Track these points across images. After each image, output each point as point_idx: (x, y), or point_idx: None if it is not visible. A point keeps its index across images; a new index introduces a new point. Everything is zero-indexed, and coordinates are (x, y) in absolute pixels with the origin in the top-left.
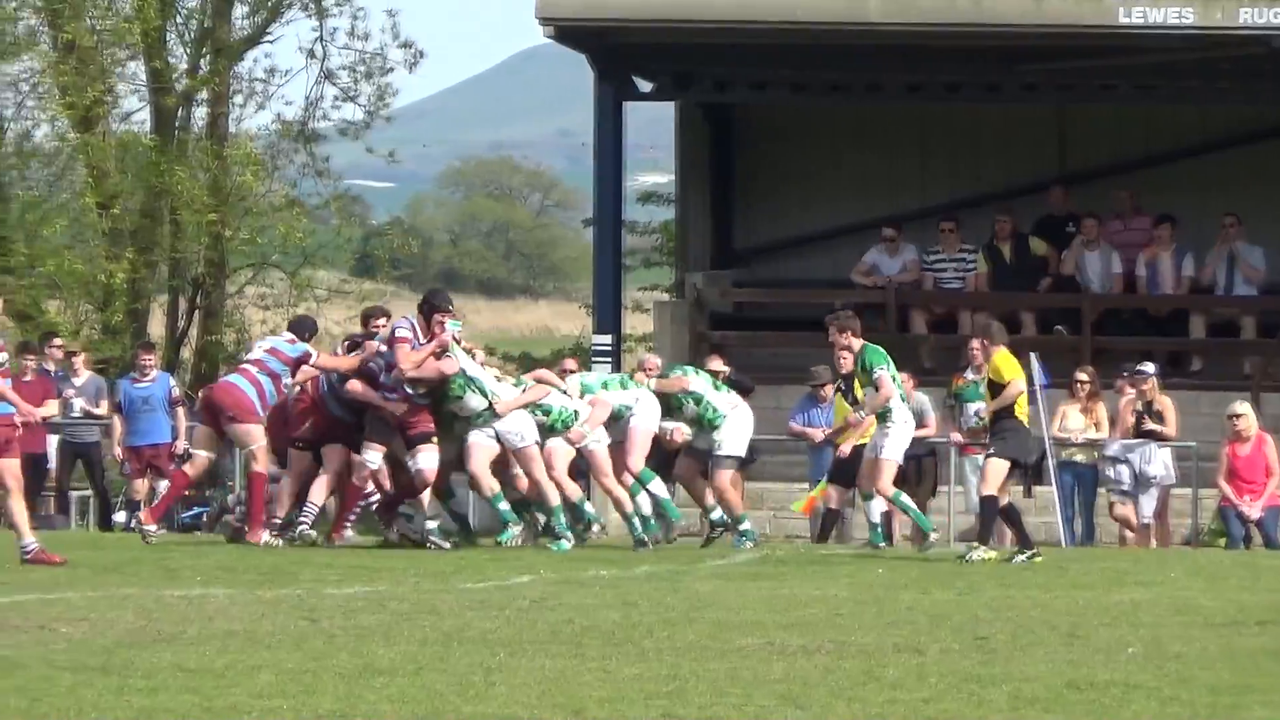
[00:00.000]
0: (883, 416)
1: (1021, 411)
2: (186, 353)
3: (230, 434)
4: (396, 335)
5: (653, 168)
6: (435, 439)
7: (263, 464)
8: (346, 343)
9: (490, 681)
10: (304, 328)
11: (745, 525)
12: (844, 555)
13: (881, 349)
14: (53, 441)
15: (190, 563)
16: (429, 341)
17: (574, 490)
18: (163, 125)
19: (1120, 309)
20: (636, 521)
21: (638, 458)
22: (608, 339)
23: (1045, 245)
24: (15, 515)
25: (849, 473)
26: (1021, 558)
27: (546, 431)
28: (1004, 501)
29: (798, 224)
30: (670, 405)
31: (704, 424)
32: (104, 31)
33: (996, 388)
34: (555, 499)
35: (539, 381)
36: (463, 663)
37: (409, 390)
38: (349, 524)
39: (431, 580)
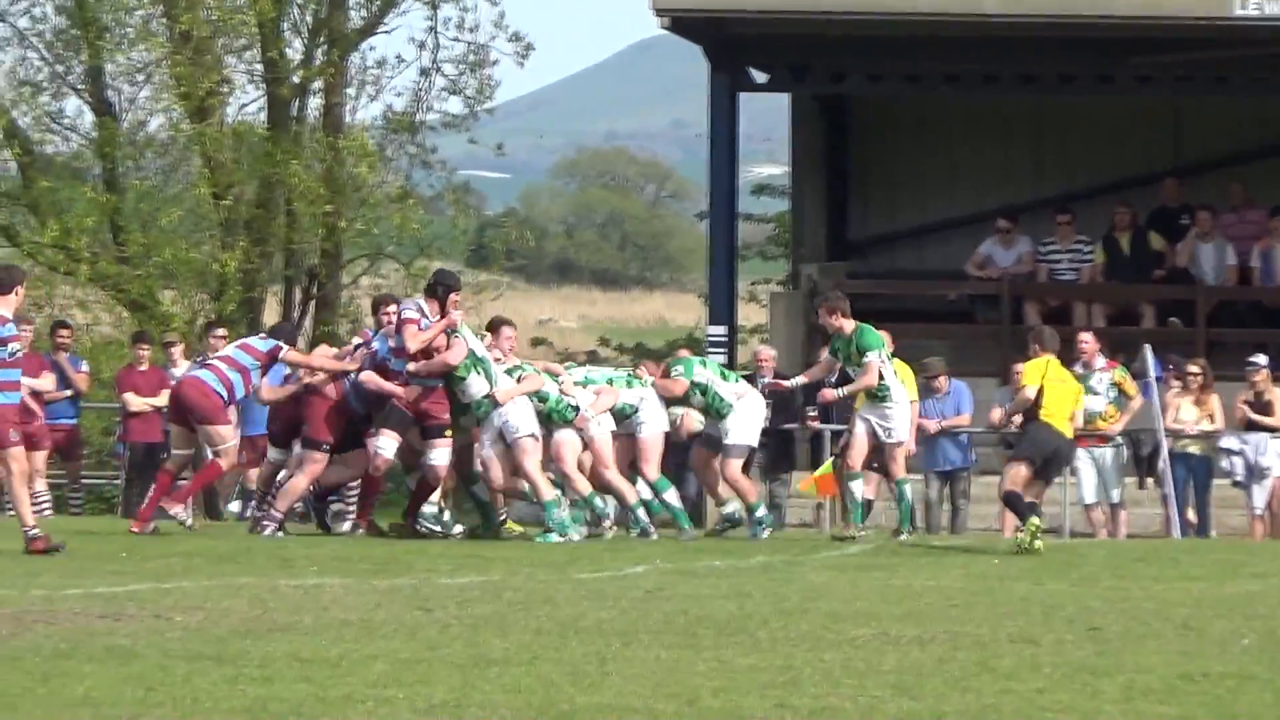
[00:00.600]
0: (882, 398)
1: (1046, 414)
2: (300, 343)
3: (200, 434)
4: (404, 317)
5: (767, 159)
6: (450, 432)
7: (229, 463)
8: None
9: (605, 671)
10: (281, 334)
11: (760, 513)
12: (956, 546)
13: (878, 333)
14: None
15: (305, 552)
16: (436, 323)
17: (584, 485)
18: (277, 115)
19: (1234, 301)
20: (641, 512)
21: (653, 466)
22: (722, 330)
23: (1162, 239)
24: (15, 499)
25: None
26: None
27: (543, 420)
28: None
29: (912, 215)
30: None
31: (712, 413)
32: (219, 22)
33: None
34: (549, 493)
35: (546, 372)
36: (577, 653)
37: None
38: (349, 514)
39: (546, 570)
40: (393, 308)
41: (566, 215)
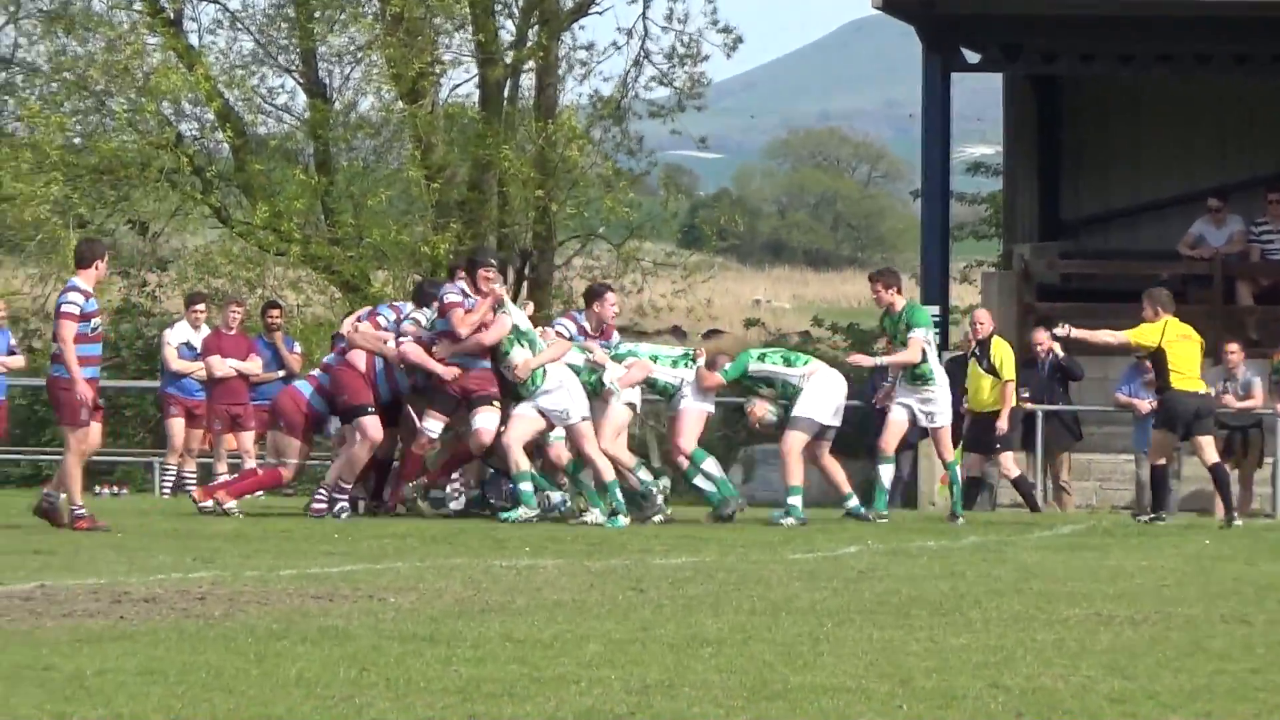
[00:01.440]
0: (924, 381)
1: (1177, 378)
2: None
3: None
4: (447, 301)
5: (980, 139)
6: (497, 403)
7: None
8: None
9: (818, 651)
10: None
11: (793, 500)
12: (1169, 526)
13: (926, 312)
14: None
15: (518, 533)
16: (481, 301)
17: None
18: (489, 97)
19: None
20: (618, 492)
21: (689, 437)
22: (934, 310)
23: None
24: (69, 476)
25: (986, 439)
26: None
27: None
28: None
29: (1124, 195)
30: (744, 388)
31: (785, 398)
32: (431, 3)
33: (1154, 360)
34: (610, 474)
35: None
36: (790, 633)
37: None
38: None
39: (759, 550)
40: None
41: (779, 195)
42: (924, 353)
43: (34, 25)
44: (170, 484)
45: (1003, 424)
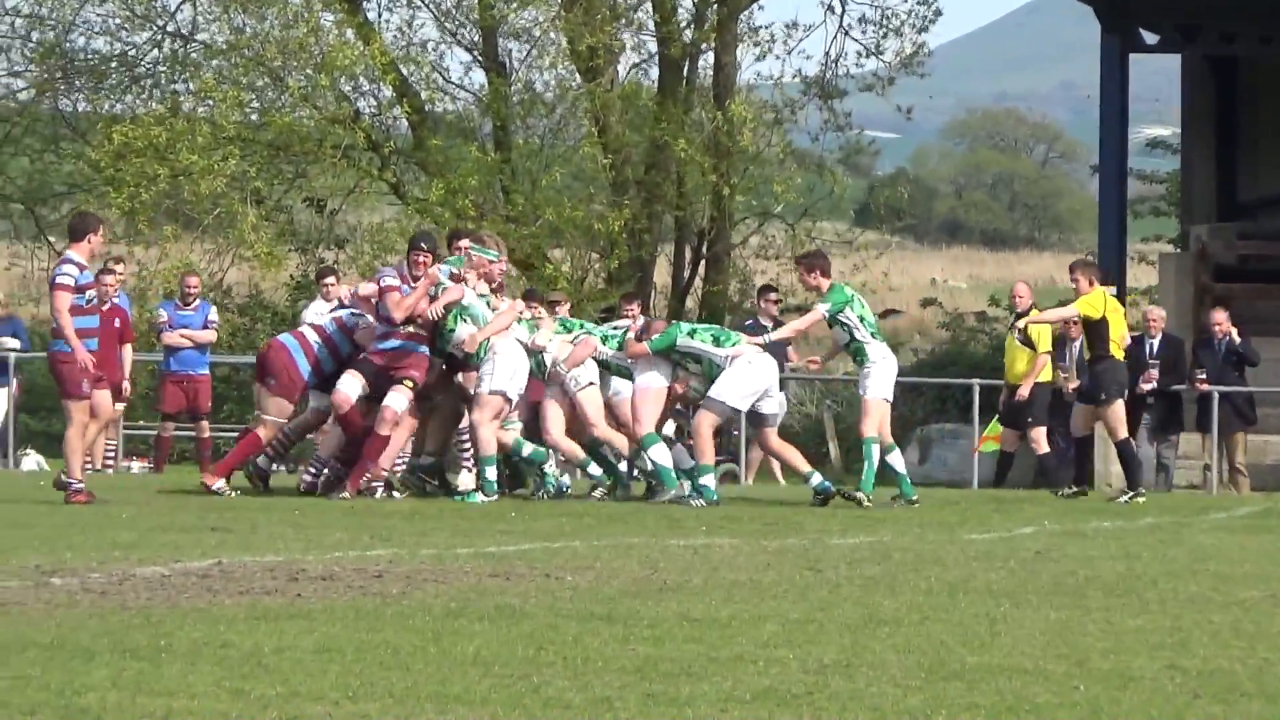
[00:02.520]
0: (860, 359)
1: (1117, 350)
2: (691, 302)
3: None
4: (384, 285)
5: (1156, 120)
6: (410, 384)
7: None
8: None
9: (995, 632)
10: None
11: (705, 480)
12: None
13: (848, 291)
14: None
15: (694, 513)
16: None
17: (575, 449)
18: (667, 76)
19: None
20: (593, 469)
21: (640, 423)
22: (1111, 290)
23: None
24: (69, 449)
25: (1020, 414)
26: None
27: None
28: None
29: None
30: (673, 361)
31: (707, 378)
32: None
33: (1093, 329)
34: (490, 449)
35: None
36: (967, 613)
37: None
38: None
39: (936, 531)
40: (330, 279)
41: (956, 176)
42: (849, 331)
43: (212, 3)
44: None
45: (1023, 392)
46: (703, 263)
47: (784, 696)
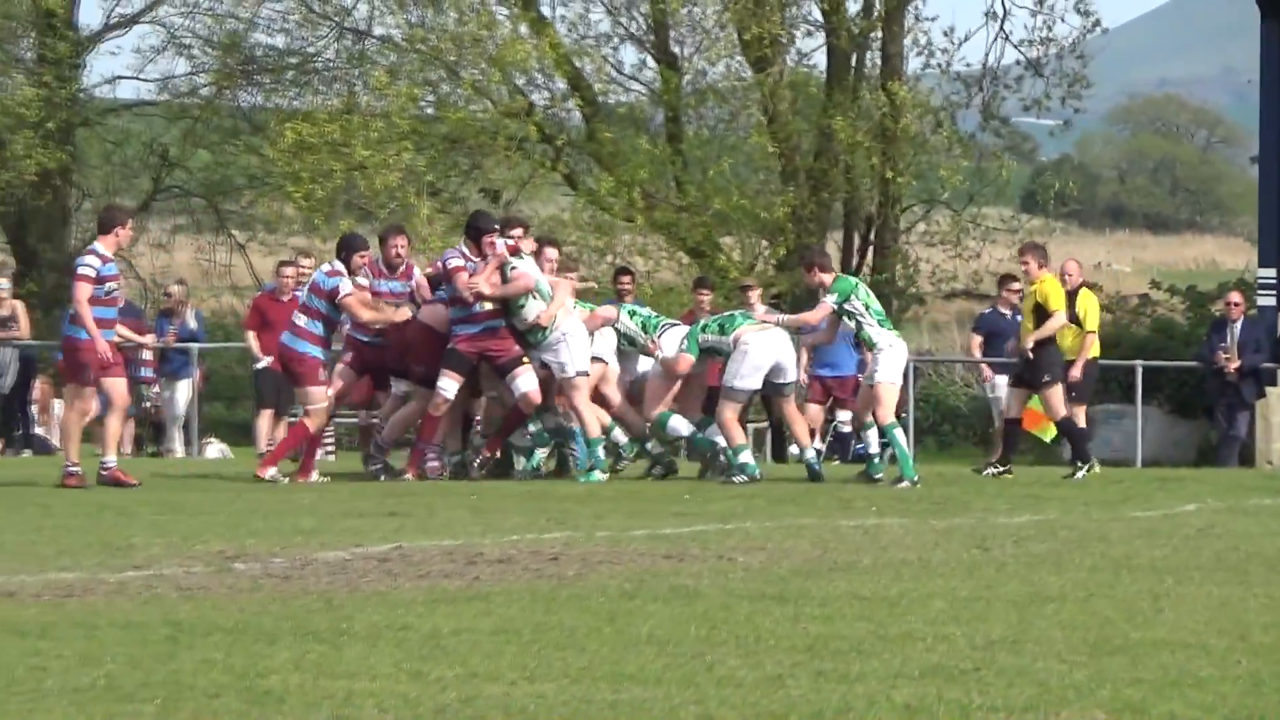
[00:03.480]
0: (871, 346)
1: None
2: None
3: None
4: (450, 266)
5: None
6: (526, 360)
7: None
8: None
9: (1158, 608)
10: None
11: (744, 457)
12: None
13: (852, 281)
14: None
15: (865, 493)
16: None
17: (600, 418)
18: (835, 66)
19: None
20: (599, 449)
21: (645, 403)
22: (1271, 272)
23: None
24: (68, 434)
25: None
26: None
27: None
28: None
29: None
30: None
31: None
32: None
33: (1043, 314)
34: (595, 430)
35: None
36: (1131, 589)
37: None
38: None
39: (1100, 509)
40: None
41: (1119, 161)
42: (857, 320)
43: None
44: None
45: (1075, 372)
46: (870, 249)
47: (952, 672)
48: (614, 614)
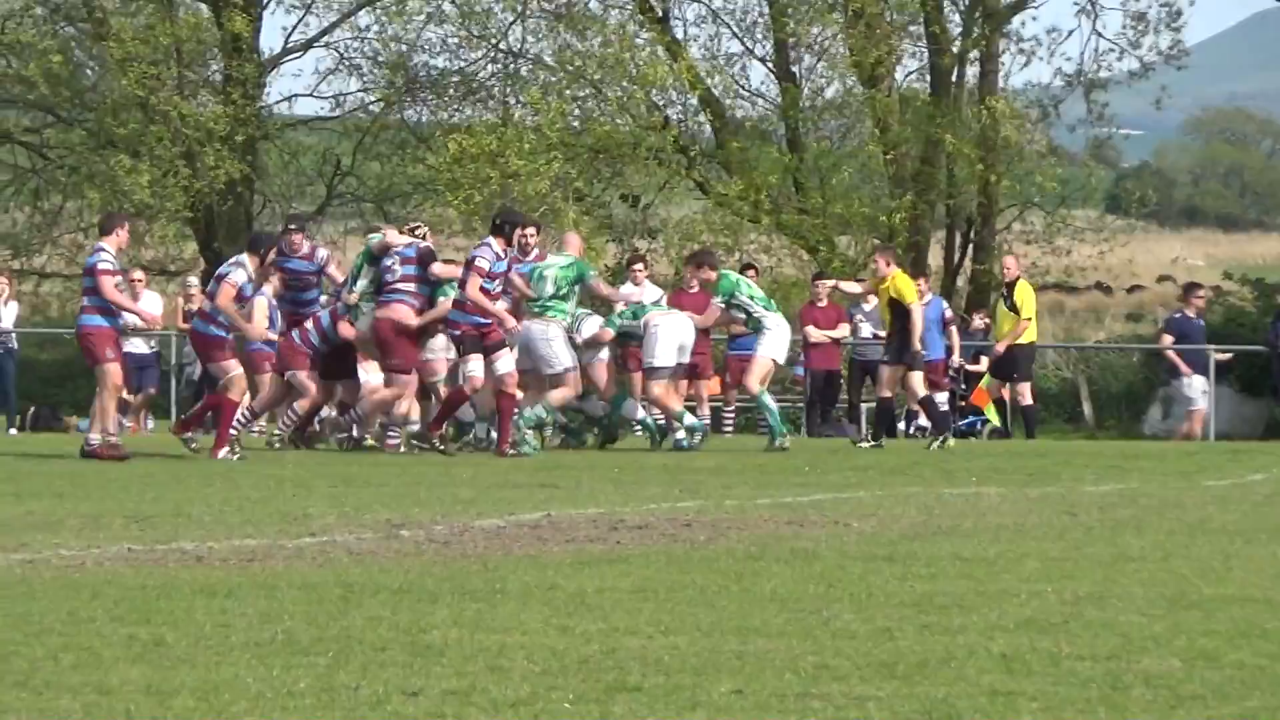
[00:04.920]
0: (759, 329)
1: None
2: (961, 281)
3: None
4: (474, 264)
5: None
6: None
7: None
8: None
9: (1229, 567)
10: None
11: (688, 420)
12: None
13: (732, 277)
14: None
15: (965, 465)
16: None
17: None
18: (938, 82)
19: None
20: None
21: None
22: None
23: None
24: (102, 409)
25: (1006, 368)
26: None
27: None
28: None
29: None
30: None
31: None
32: (888, 0)
33: (898, 307)
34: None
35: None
36: (1204, 550)
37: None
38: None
39: (1177, 479)
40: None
41: (1194, 167)
42: (744, 310)
43: (539, 24)
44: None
45: (1000, 349)
46: (970, 246)
47: (1044, 625)
48: (741, 574)
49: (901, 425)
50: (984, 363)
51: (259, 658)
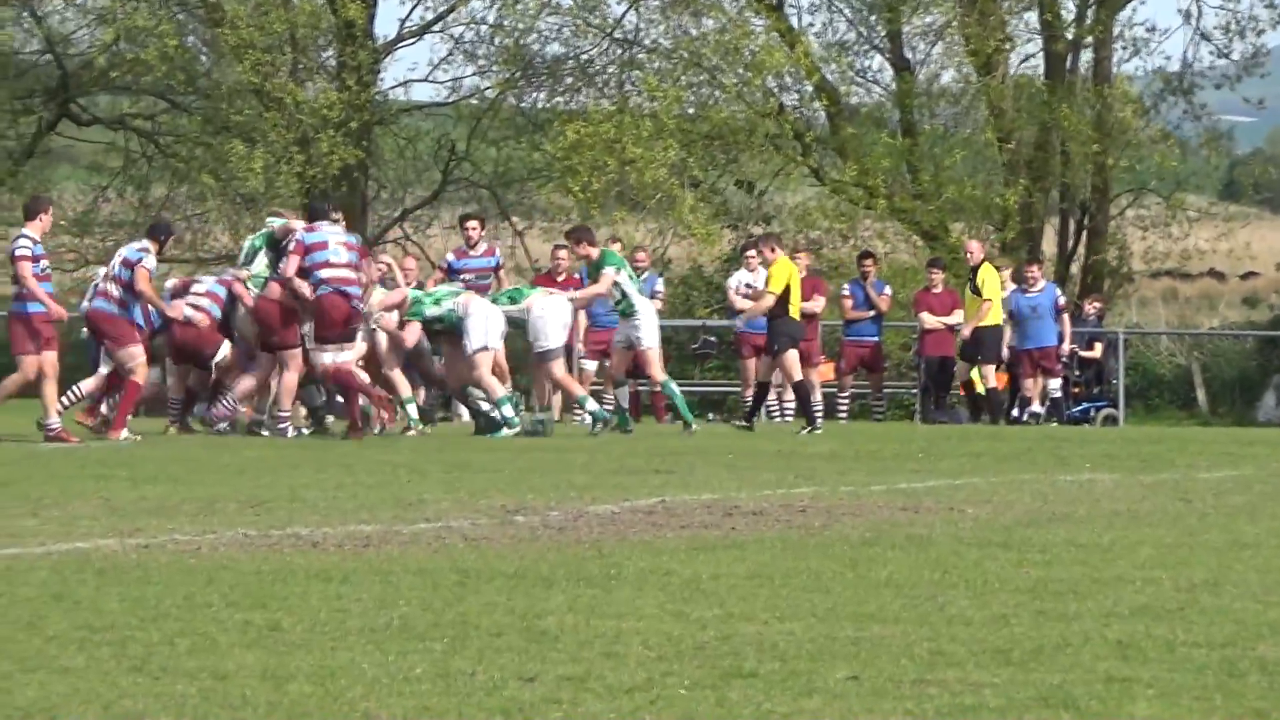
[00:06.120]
0: (627, 313)
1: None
2: (1075, 268)
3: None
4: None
5: None
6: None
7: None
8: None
9: None
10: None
11: (592, 406)
12: None
13: (617, 253)
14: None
15: (1079, 451)
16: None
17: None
18: (1053, 68)
19: None
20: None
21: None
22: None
23: None
24: (44, 396)
25: (971, 351)
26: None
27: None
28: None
29: None
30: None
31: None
32: None
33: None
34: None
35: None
36: None
37: None
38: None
39: None
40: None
41: None
42: (621, 289)
43: (654, 11)
44: (777, 416)
45: (965, 332)
46: (1084, 233)
47: (1159, 612)
48: (856, 560)
49: (1015, 412)
50: (1098, 349)
51: (374, 643)
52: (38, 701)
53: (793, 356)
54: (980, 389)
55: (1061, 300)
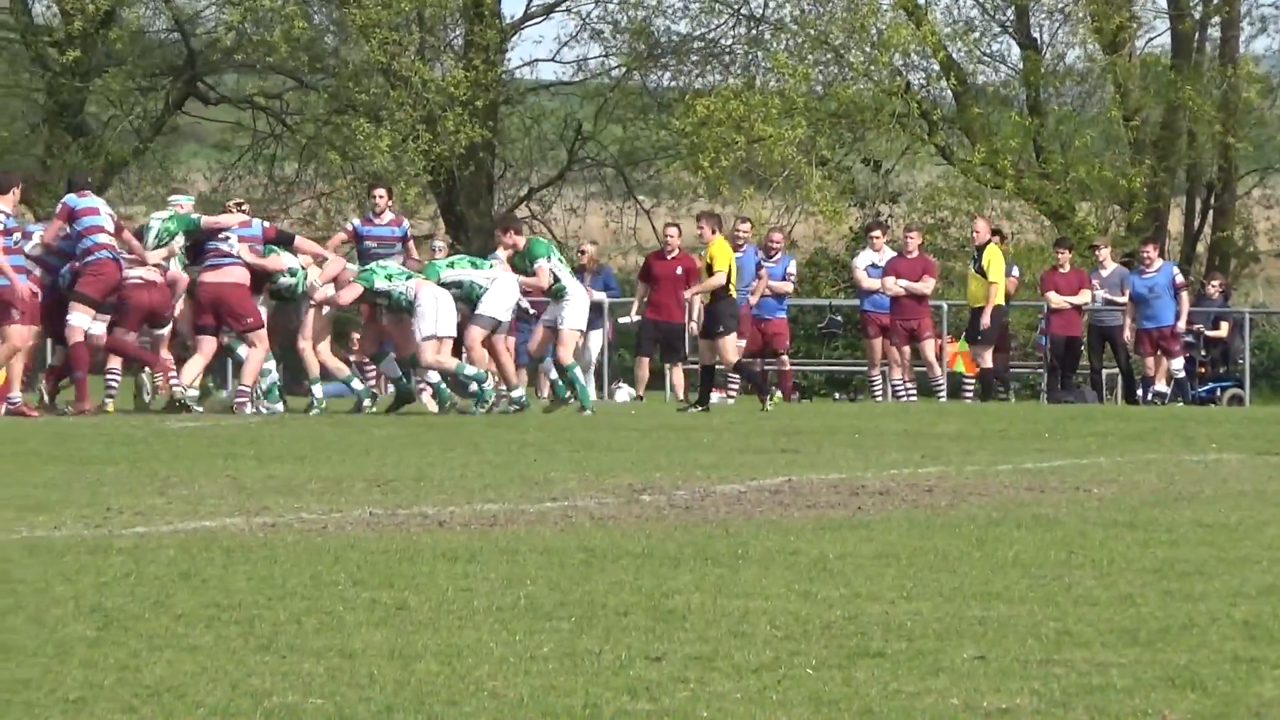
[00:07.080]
0: (559, 295)
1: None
2: (1200, 247)
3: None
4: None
5: None
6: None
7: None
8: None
9: None
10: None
11: (487, 384)
12: None
13: (545, 242)
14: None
15: (1205, 431)
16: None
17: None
18: (1180, 47)
19: None
20: (356, 383)
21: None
22: None
23: None
24: (10, 368)
25: (974, 332)
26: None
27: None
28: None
29: None
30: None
31: (471, 300)
32: None
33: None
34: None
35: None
36: None
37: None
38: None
39: None
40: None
41: None
42: (553, 275)
43: None
44: (882, 394)
45: (985, 320)
46: (1211, 212)
47: None
48: (982, 540)
49: (1140, 392)
50: (1224, 328)
51: (501, 622)
52: (165, 679)
53: (733, 340)
54: (959, 366)
55: (1179, 279)
